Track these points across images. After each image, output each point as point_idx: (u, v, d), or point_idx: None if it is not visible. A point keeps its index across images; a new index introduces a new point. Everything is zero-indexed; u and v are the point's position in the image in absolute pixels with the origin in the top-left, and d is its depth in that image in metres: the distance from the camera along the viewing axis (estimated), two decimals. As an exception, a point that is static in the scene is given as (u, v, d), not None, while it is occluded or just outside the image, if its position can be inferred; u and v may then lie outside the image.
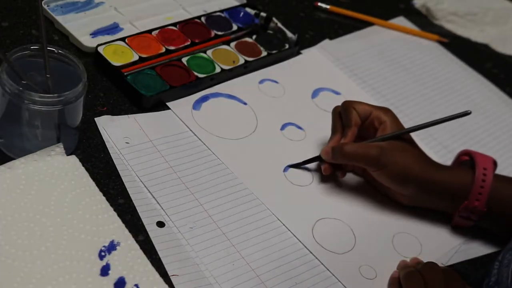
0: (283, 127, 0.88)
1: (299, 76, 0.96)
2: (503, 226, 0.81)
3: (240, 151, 0.82)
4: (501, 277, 0.71)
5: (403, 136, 0.81)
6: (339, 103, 0.94)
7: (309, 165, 0.84)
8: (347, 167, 0.84)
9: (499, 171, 0.93)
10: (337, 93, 0.96)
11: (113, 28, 0.92)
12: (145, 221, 0.71)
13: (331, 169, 0.82)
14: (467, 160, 0.84)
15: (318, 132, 0.89)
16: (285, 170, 0.83)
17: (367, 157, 0.78)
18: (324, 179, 0.84)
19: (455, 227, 0.83)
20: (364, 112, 0.82)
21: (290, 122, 0.89)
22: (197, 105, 0.85)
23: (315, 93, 0.94)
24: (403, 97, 1.01)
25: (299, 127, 0.89)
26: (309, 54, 1.00)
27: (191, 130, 0.82)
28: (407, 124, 0.97)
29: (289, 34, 0.99)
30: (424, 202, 0.82)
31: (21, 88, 0.67)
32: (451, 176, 0.80)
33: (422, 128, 0.83)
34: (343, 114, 0.83)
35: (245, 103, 0.89)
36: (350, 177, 0.85)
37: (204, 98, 0.87)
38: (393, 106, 0.99)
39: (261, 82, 0.92)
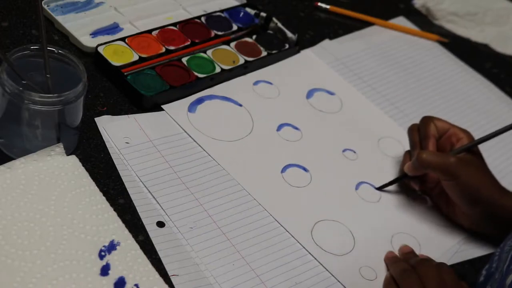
0: (279, 127, 0.88)
1: (293, 77, 0.96)
2: None
3: (237, 153, 0.82)
4: (499, 261, 0.72)
5: (475, 153, 0.81)
6: (334, 103, 0.95)
7: (305, 166, 0.84)
8: (427, 182, 0.84)
9: (499, 171, 0.94)
10: (331, 93, 0.96)
11: (113, 28, 0.92)
12: (145, 221, 0.71)
13: (419, 184, 0.83)
14: None
15: (314, 132, 0.89)
16: (283, 171, 0.83)
17: (443, 165, 0.78)
18: (322, 180, 0.84)
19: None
20: (442, 127, 0.84)
21: (286, 122, 0.89)
22: (192, 107, 0.85)
23: (309, 94, 0.94)
24: (403, 97, 1.01)
25: (295, 128, 0.89)
26: (303, 55, 1.00)
27: (187, 133, 0.82)
28: (406, 125, 0.97)
29: (289, 34, 0.99)
30: (486, 226, 0.81)
31: (21, 88, 0.67)
32: None
33: (492, 137, 0.81)
34: (421, 127, 0.84)
35: (240, 105, 0.89)
36: (345, 180, 0.85)
37: (199, 101, 0.87)
38: (393, 106, 0.99)
39: (255, 83, 0.92)
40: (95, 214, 0.68)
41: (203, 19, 0.96)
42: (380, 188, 0.85)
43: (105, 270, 0.64)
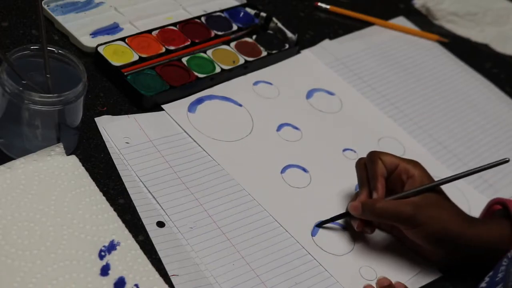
0: (279, 128, 0.88)
1: (293, 77, 0.96)
2: None
3: (237, 153, 0.82)
4: (508, 274, 0.70)
5: (435, 189, 0.76)
6: (334, 104, 0.95)
7: (306, 166, 0.84)
8: (376, 222, 0.78)
9: (499, 171, 0.94)
10: (331, 93, 0.96)
11: (113, 28, 0.92)
12: (145, 221, 0.71)
13: (363, 225, 0.76)
14: (500, 210, 0.80)
15: (314, 132, 0.89)
16: (283, 171, 0.83)
17: (401, 215, 0.73)
18: (322, 181, 0.84)
19: None
20: (391, 164, 0.77)
21: (286, 122, 0.89)
22: (192, 107, 0.85)
23: (309, 94, 0.94)
24: (403, 97, 1.01)
25: (295, 128, 0.89)
26: (303, 56, 1.00)
27: (187, 133, 0.82)
28: (406, 125, 0.97)
29: (289, 34, 0.99)
30: (457, 259, 0.77)
31: (21, 88, 0.67)
32: (488, 231, 0.76)
33: (456, 179, 0.77)
34: (368, 166, 0.78)
35: (240, 105, 0.89)
36: (345, 179, 0.85)
37: (199, 101, 0.87)
38: (393, 106, 0.99)
39: (255, 83, 0.92)
40: (95, 214, 0.68)
41: (203, 19, 0.96)
42: (320, 225, 0.78)
43: (105, 270, 0.64)
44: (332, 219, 0.78)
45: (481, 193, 0.90)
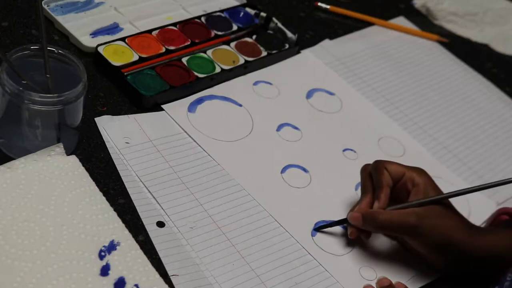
0: (279, 128, 0.88)
1: (293, 77, 0.96)
2: None
3: (237, 153, 0.82)
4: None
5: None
6: (334, 104, 0.95)
7: (306, 166, 0.84)
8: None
9: (499, 172, 0.94)
10: (331, 93, 0.96)
11: (113, 28, 0.92)
12: (145, 221, 0.71)
13: (357, 232, 0.75)
14: (507, 220, 0.80)
15: (314, 132, 0.89)
16: (283, 171, 0.83)
17: (404, 226, 0.72)
18: (322, 181, 0.84)
19: None
20: (396, 173, 0.76)
21: (286, 122, 0.89)
22: (192, 107, 0.85)
23: (309, 94, 0.94)
24: (403, 97, 1.01)
25: (295, 128, 0.89)
26: (303, 56, 1.00)
27: (187, 133, 0.82)
28: (406, 125, 0.97)
29: (289, 34, 0.99)
30: (461, 267, 0.76)
31: (21, 88, 0.67)
32: (496, 240, 0.75)
33: (462, 194, 0.76)
34: (373, 174, 0.77)
35: (240, 105, 0.89)
36: (345, 179, 0.85)
37: (199, 101, 0.87)
38: (393, 106, 0.99)
39: (255, 83, 0.92)
40: (95, 214, 0.68)
41: (203, 19, 0.96)
42: (318, 230, 0.78)
43: (105, 270, 0.64)
44: (330, 225, 0.78)
45: (481, 193, 0.90)
